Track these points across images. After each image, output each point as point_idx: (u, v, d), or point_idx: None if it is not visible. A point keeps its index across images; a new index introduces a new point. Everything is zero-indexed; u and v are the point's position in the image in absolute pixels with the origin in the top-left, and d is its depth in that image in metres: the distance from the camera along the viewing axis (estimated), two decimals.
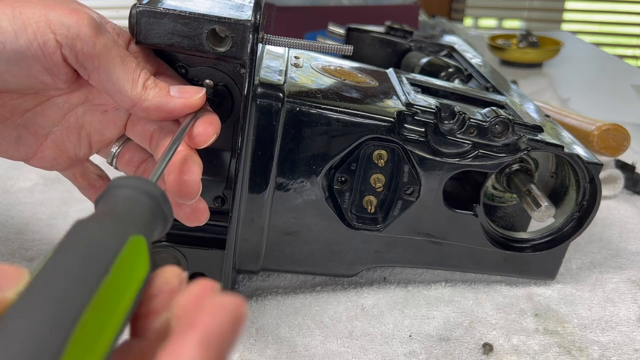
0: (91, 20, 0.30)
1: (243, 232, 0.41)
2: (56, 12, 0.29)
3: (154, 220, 0.22)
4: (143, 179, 0.23)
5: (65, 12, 0.29)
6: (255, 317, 0.42)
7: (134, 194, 0.22)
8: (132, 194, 0.22)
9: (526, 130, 0.42)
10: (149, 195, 0.22)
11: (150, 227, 0.22)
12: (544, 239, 0.46)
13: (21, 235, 0.52)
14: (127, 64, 0.32)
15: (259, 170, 0.39)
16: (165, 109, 0.32)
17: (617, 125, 0.57)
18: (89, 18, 0.30)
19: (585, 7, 2.53)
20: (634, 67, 1.18)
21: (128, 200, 0.22)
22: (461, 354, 0.39)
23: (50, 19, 0.29)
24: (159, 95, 0.32)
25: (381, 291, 0.45)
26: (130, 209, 0.21)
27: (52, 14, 0.29)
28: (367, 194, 0.42)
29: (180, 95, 0.33)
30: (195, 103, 0.33)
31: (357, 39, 0.63)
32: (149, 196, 0.22)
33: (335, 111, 0.39)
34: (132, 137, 0.37)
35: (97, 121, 0.36)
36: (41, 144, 0.35)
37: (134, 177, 0.22)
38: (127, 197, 0.22)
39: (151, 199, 0.22)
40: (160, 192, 0.23)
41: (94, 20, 0.30)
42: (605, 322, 0.43)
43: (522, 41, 1.16)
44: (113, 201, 0.21)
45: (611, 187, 0.61)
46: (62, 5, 0.30)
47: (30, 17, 0.29)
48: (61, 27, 0.29)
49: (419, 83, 0.47)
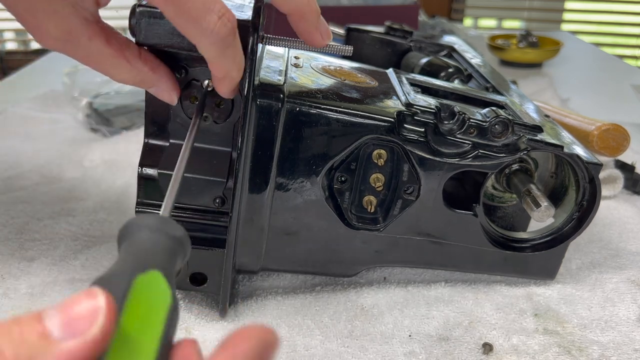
0: None
1: (243, 232, 0.41)
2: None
3: (172, 257, 0.22)
4: (159, 218, 0.23)
5: None
6: (255, 317, 0.42)
7: (154, 236, 0.22)
8: (151, 236, 0.22)
9: (526, 130, 0.42)
10: (168, 236, 0.23)
11: (168, 264, 0.22)
12: (544, 239, 0.46)
13: (21, 235, 0.52)
14: None
15: (259, 170, 0.39)
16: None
17: (617, 125, 0.58)
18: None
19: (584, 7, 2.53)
20: (633, 67, 1.18)
21: (147, 243, 0.22)
22: (461, 354, 0.39)
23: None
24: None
25: (381, 291, 0.45)
26: (151, 250, 0.22)
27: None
28: (367, 194, 0.42)
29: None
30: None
31: (357, 39, 0.63)
32: (167, 237, 0.23)
33: (335, 111, 0.39)
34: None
35: None
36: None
37: (151, 217, 0.23)
38: (146, 240, 0.22)
39: (170, 239, 0.23)
40: (178, 232, 0.23)
41: None
42: (605, 322, 0.43)
43: (521, 41, 1.16)
44: (131, 247, 0.22)
45: (611, 187, 0.61)
46: None
47: None
48: None
49: (418, 83, 0.47)
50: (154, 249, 0.22)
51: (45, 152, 0.70)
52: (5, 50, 2.53)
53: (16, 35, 2.58)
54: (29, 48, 2.55)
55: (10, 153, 0.69)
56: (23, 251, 0.50)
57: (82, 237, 0.52)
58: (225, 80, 0.34)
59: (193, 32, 0.30)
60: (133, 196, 0.58)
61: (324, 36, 0.36)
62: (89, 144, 0.72)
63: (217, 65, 0.32)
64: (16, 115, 0.82)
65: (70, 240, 0.52)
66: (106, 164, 0.67)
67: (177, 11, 0.29)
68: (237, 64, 0.33)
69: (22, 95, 0.90)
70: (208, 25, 0.29)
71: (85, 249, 0.50)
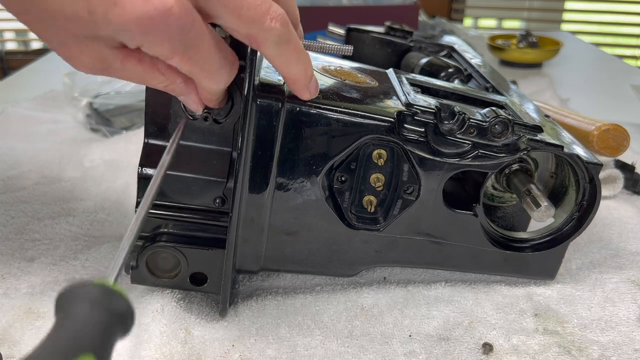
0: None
1: (243, 232, 0.41)
2: None
3: (111, 337, 0.21)
4: (102, 289, 0.21)
5: None
6: (255, 317, 0.42)
7: (92, 312, 0.20)
8: (89, 313, 0.20)
9: (526, 130, 0.42)
10: (108, 312, 0.21)
11: (105, 344, 0.20)
12: (544, 239, 0.46)
13: (21, 235, 0.52)
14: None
15: (259, 170, 0.39)
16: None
17: (617, 125, 0.58)
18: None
19: (584, 7, 2.53)
20: (633, 67, 1.18)
21: (84, 321, 0.20)
22: (461, 354, 0.39)
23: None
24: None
25: (381, 291, 0.45)
26: (88, 329, 0.20)
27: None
28: (367, 194, 0.42)
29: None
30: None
31: (357, 39, 0.63)
32: (108, 313, 0.21)
33: (336, 111, 0.39)
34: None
35: None
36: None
37: (93, 288, 0.21)
38: (83, 317, 0.20)
39: (111, 315, 0.21)
40: (120, 306, 0.21)
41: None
42: (605, 322, 0.43)
43: (521, 41, 1.16)
44: (67, 324, 0.20)
45: (611, 187, 0.61)
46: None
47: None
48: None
49: (418, 83, 0.47)
50: (90, 329, 0.20)
51: (45, 152, 0.70)
52: (5, 50, 2.52)
53: (16, 35, 2.58)
54: (29, 48, 2.55)
55: (10, 153, 0.69)
56: (23, 251, 0.50)
57: (82, 237, 0.52)
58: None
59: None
60: (133, 196, 0.58)
61: (312, 93, 0.38)
62: (89, 144, 0.72)
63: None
64: (16, 115, 0.82)
65: (71, 240, 0.52)
66: (106, 164, 0.67)
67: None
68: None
69: (22, 95, 0.90)
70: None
71: (85, 249, 0.50)
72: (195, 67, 0.32)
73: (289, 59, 0.34)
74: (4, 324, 0.41)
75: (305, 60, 0.35)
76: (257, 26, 0.31)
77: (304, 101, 0.38)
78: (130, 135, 0.74)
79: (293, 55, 0.34)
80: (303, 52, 0.35)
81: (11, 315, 0.42)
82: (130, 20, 0.28)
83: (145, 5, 0.28)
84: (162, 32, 0.29)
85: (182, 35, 0.30)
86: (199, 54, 0.31)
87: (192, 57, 0.31)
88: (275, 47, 0.33)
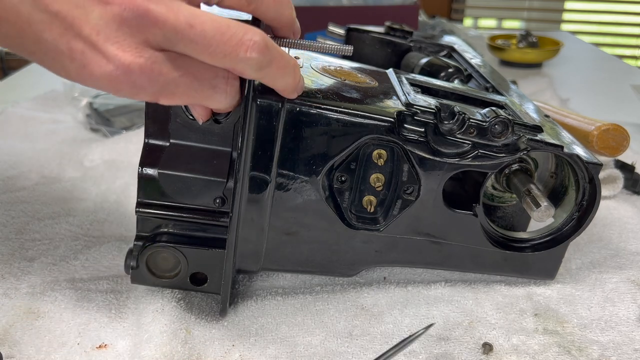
0: None
1: (243, 232, 0.41)
2: None
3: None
4: None
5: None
6: (255, 316, 0.42)
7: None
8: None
9: (526, 130, 0.42)
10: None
11: None
12: (544, 239, 0.46)
13: (21, 235, 0.52)
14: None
15: (259, 170, 0.39)
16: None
17: (617, 125, 0.58)
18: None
19: (584, 7, 2.54)
20: (633, 67, 1.18)
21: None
22: (461, 354, 0.39)
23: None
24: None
25: (381, 291, 0.45)
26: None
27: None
28: (366, 194, 0.42)
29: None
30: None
31: (357, 39, 0.63)
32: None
33: (335, 111, 0.39)
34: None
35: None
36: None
37: None
38: None
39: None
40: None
41: None
42: (605, 322, 0.43)
43: (521, 41, 1.16)
44: None
45: (611, 187, 0.61)
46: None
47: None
48: None
49: (418, 83, 0.47)
50: None
51: (45, 152, 0.70)
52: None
53: None
54: None
55: (10, 153, 0.69)
56: (23, 251, 0.50)
57: (82, 237, 0.52)
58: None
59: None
60: (133, 196, 0.58)
61: (299, 92, 0.38)
62: (89, 144, 0.72)
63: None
64: (16, 115, 0.82)
65: (71, 240, 0.52)
66: (106, 164, 0.67)
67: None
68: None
69: (22, 95, 0.90)
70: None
71: (85, 249, 0.50)
72: (184, 99, 0.33)
73: (274, 77, 0.34)
74: (4, 324, 0.41)
75: (290, 72, 0.35)
76: (231, 60, 0.31)
77: (304, 101, 0.38)
78: (130, 135, 0.74)
79: (277, 73, 0.34)
80: (287, 66, 0.34)
81: (11, 315, 0.42)
82: (99, 79, 0.30)
83: (107, 66, 0.29)
84: (131, 86, 0.30)
85: (153, 83, 0.30)
86: (180, 90, 0.32)
87: (175, 93, 0.32)
88: (257, 73, 0.32)
